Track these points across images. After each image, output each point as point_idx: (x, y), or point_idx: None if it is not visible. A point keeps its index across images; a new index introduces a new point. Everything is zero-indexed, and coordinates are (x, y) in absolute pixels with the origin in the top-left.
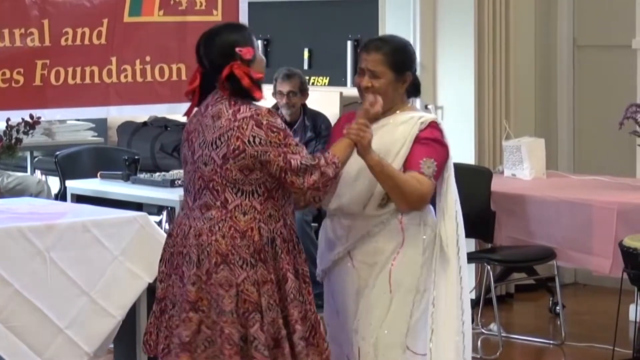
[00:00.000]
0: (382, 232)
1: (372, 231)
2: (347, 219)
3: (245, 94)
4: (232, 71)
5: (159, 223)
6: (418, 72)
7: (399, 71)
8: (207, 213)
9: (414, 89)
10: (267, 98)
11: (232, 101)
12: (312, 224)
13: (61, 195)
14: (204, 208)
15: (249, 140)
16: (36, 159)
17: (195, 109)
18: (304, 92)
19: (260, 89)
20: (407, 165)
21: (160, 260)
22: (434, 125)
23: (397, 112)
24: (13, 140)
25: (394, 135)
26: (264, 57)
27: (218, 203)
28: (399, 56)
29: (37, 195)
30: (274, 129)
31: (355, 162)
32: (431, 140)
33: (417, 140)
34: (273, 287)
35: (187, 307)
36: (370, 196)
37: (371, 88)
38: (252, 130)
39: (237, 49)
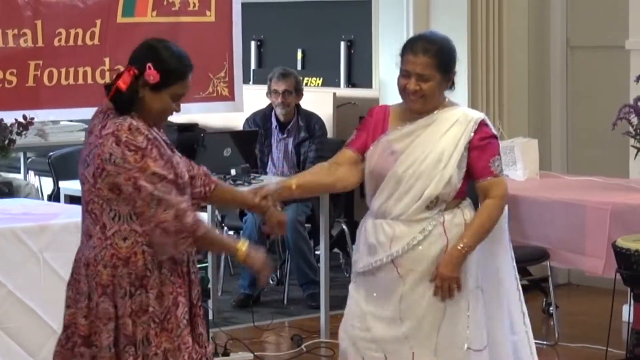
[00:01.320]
0: (427, 238)
1: (417, 238)
2: (389, 225)
3: (124, 108)
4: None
5: None
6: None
7: (446, 72)
8: (90, 241)
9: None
10: (262, 98)
11: (106, 113)
12: (306, 225)
13: (54, 196)
14: (87, 235)
15: (107, 158)
16: (29, 160)
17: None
18: (298, 92)
19: (119, 100)
20: (477, 173)
21: (68, 284)
22: (484, 123)
23: (439, 108)
24: (6, 141)
25: (446, 137)
26: (172, 108)
27: (97, 228)
28: (447, 57)
29: (25, 197)
30: (132, 148)
31: (405, 165)
32: (488, 138)
33: (474, 144)
34: (154, 317)
35: (79, 341)
36: (418, 198)
37: (419, 91)
38: (110, 147)
39: (147, 64)
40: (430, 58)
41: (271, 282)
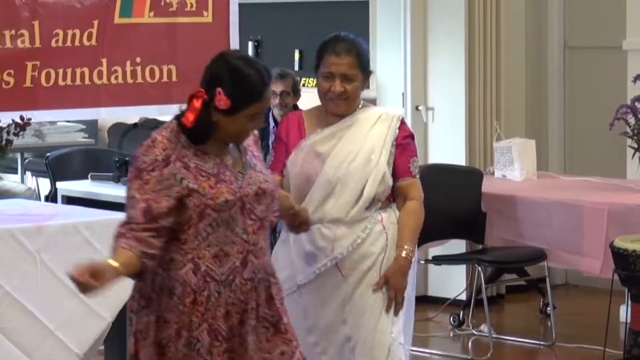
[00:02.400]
0: (369, 236)
1: (360, 236)
2: (328, 229)
3: (198, 141)
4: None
5: None
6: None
7: (367, 71)
8: None
9: None
10: None
11: (169, 125)
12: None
13: (52, 197)
14: None
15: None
16: (27, 161)
17: None
18: (296, 92)
19: (188, 133)
20: (398, 172)
21: None
22: (403, 121)
23: (358, 109)
24: (3, 142)
25: (372, 135)
26: (251, 129)
27: None
28: (366, 56)
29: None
30: (135, 165)
31: (334, 167)
32: (408, 137)
33: (399, 142)
34: (155, 342)
35: None
36: (356, 199)
37: (344, 93)
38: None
39: (217, 89)
40: (353, 58)
41: None
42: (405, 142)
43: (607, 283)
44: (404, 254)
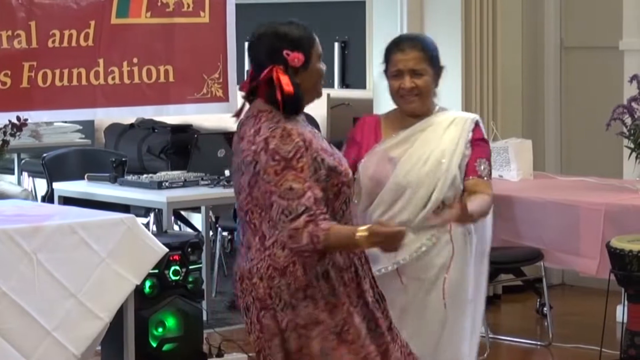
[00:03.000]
0: (435, 245)
1: (426, 244)
2: None
3: (299, 108)
4: (270, 76)
5: (147, 225)
6: None
7: (437, 66)
8: (249, 253)
9: None
10: None
11: (258, 117)
12: None
13: (48, 197)
14: (247, 247)
15: (256, 166)
16: (23, 161)
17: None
18: None
19: (292, 104)
20: (467, 170)
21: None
22: (478, 124)
23: (433, 112)
24: (0, 142)
25: (444, 139)
26: (323, 68)
27: (257, 239)
28: (434, 50)
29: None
30: (276, 157)
31: (406, 171)
32: (480, 140)
33: (472, 142)
34: (328, 328)
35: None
36: (425, 204)
37: (415, 88)
38: (262, 155)
39: (284, 52)
40: (419, 52)
41: None
42: (475, 144)
43: (603, 283)
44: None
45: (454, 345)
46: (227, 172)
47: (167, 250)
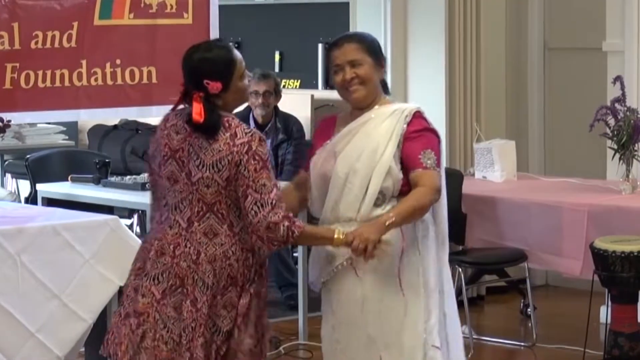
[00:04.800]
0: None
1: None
2: (344, 227)
3: (214, 132)
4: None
5: (130, 226)
6: (388, 75)
7: (376, 56)
8: (216, 239)
9: (383, 86)
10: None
11: (226, 121)
12: None
13: (32, 199)
14: (211, 234)
15: (239, 164)
16: (6, 163)
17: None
18: (278, 93)
19: (201, 129)
20: (408, 164)
21: (145, 275)
22: (418, 115)
23: (377, 105)
24: None
25: (380, 131)
26: (245, 83)
27: (225, 227)
28: (370, 40)
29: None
30: (256, 158)
31: (343, 165)
32: (421, 130)
33: (407, 135)
34: (264, 303)
35: (200, 330)
36: (363, 196)
37: (357, 77)
38: (245, 155)
39: (204, 81)
40: (355, 43)
41: None
42: (415, 135)
43: (587, 284)
44: (386, 220)
45: (417, 330)
46: None
47: None
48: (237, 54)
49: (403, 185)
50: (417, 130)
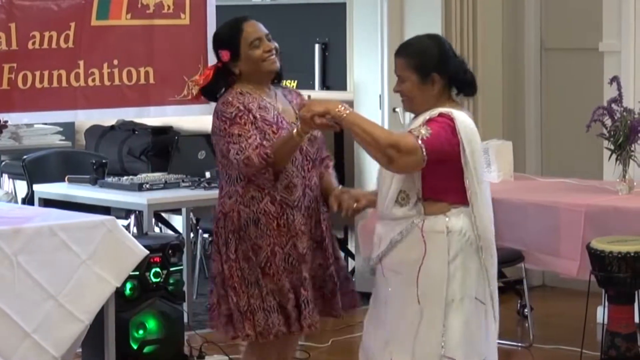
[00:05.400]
0: (404, 240)
1: (395, 239)
2: (379, 224)
3: (212, 97)
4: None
5: (127, 227)
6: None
7: (423, 74)
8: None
9: (465, 87)
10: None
11: (227, 93)
12: None
13: (29, 199)
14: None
15: (213, 131)
16: (3, 163)
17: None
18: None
19: (204, 93)
20: None
21: None
22: (442, 114)
23: (429, 111)
24: None
25: (407, 128)
26: (257, 52)
27: (220, 191)
28: (420, 59)
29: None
30: (223, 118)
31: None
32: (438, 121)
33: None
34: (255, 264)
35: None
36: (387, 192)
37: (401, 93)
38: (214, 119)
39: (218, 51)
40: (403, 59)
41: None
42: (428, 121)
43: (584, 284)
44: (339, 106)
45: (432, 341)
46: (207, 174)
47: (147, 252)
48: (250, 24)
49: (429, 189)
50: (432, 119)
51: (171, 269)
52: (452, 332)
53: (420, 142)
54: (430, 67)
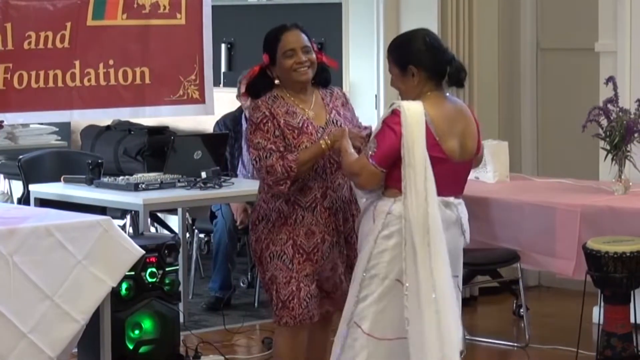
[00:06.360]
0: (362, 218)
1: (359, 217)
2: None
3: (255, 96)
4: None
5: (123, 227)
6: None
7: (401, 66)
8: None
9: (452, 78)
10: (232, 101)
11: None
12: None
13: (24, 199)
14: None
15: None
16: None
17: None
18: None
19: (250, 91)
20: None
21: None
22: (394, 112)
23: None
24: None
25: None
26: (288, 62)
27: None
28: (397, 53)
29: None
30: (250, 122)
31: None
32: (385, 124)
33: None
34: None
35: None
36: None
37: (393, 86)
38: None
39: (264, 53)
40: (388, 54)
41: (242, 285)
42: (381, 125)
43: (579, 285)
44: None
45: (348, 303)
46: (203, 174)
47: (143, 252)
48: (290, 33)
49: (388, 178)
50: (384, 122)
51: (167, 269)
52: (365, 304)
53: (370, 160)
54: (405, 60)
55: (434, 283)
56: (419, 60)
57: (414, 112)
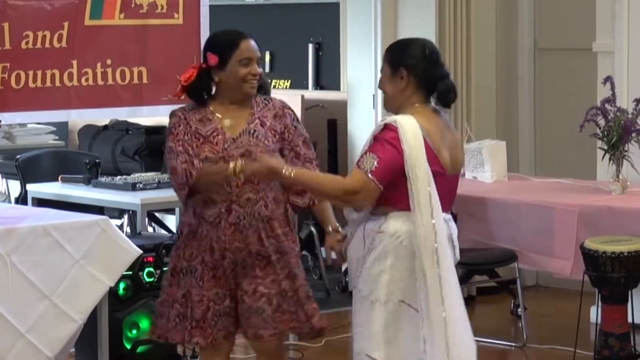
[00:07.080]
0: (353, 239)
1: (348, 238)
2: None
3: (196, 99)
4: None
5: (120, 227)
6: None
7: (393, 65)
8: None
9: (439, 96)
10: None
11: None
12: None
13: (22, 199)
14: None
15: None
16: None
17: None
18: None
19: (188, 92)
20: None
21: None
22: (389, 127)
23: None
24: None
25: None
26: (242, 72)
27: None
28: (393, 52)
29: None
30: (168, 127)
31: None
32: (381, 139)
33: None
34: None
35: None
36: None
37: (380, 87)
38: None
39: (207, 53)
40: (385, 53)
41: None
42: (375, 140)
43: (577, 284)
44: (287, 169)
45: (356, 336)
46: None
47: (141, 252)
48: (248, 42)
49: (380, 197)
50: (379, 137)
51: (164, 269)
52: (372, 332)
53: (370, 175)
54: (398, 60)
55: (443, 301)
56: (411, 65)
57: (410, 126)
